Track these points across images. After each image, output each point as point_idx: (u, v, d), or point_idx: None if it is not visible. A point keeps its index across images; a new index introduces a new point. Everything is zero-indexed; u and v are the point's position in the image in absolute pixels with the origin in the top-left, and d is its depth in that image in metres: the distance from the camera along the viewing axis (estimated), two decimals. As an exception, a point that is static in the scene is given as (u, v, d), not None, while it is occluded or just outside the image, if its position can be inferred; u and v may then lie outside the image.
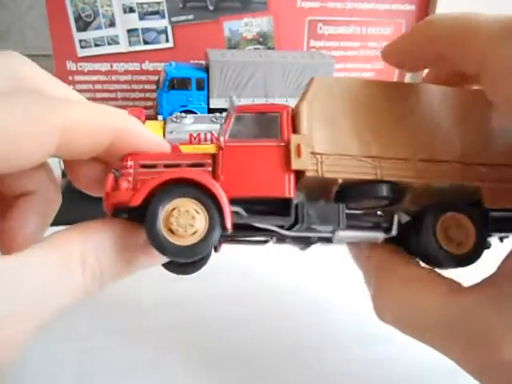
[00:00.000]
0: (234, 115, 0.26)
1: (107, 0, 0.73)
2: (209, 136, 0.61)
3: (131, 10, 0.75)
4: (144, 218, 0.23)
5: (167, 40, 0.77)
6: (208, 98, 0.71)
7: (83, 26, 0.74)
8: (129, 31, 0.76)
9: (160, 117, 0.70)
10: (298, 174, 0.25)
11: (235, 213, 0.25)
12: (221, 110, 0.68)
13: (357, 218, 0.28)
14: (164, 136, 0.58)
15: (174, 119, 0.62)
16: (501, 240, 0.29)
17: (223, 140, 0.26)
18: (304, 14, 0.79)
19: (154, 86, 0.76)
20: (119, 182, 0.24)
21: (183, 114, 0.63)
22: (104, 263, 0.23)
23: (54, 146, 0.22)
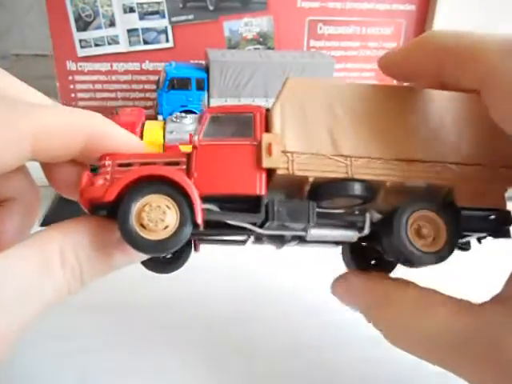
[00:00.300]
0: (209, 116, 0.27)
1: (107, 0, 0.73)
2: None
3: (131, 10, 0.75)
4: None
5: (167, 40, 0.77)
6: (208, 98, 0.71)
7: (83, 25, 0.75)
8: (129, 31, 0.76)
9: (160, 117, 0.70)
10: (270, 173, 0.26)
11: (207, 210, 0.25)
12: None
13: (330, 217, 0.28)
14: (164, 136, 0.58)
15: (174, 119, 0.62)
16: (479, 241, 0.29)
17: (197, 139, 0.26)
18: (304, 14, 0.79)
19: (154, 86, 0.76)
20: (95, 180, 0.25)
21: (183, 114, 0.63)
22: (82, 260, 0.23)
23: (29, 151, 0.23)
